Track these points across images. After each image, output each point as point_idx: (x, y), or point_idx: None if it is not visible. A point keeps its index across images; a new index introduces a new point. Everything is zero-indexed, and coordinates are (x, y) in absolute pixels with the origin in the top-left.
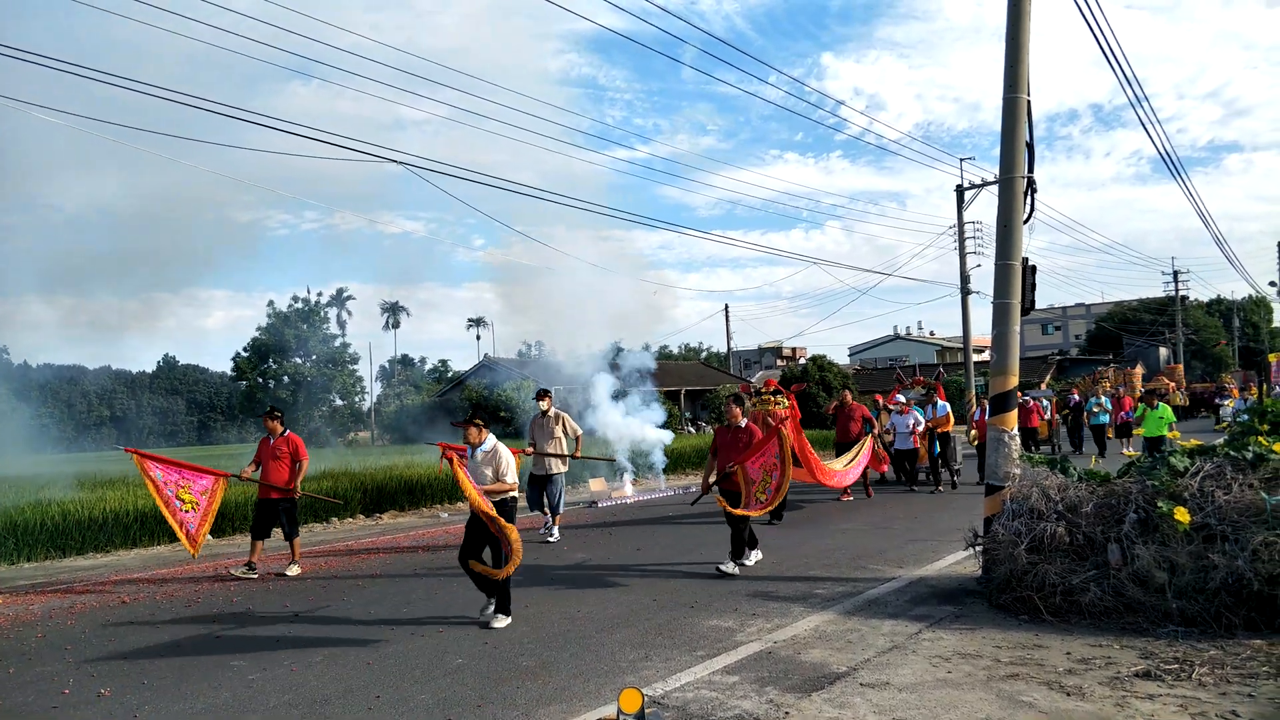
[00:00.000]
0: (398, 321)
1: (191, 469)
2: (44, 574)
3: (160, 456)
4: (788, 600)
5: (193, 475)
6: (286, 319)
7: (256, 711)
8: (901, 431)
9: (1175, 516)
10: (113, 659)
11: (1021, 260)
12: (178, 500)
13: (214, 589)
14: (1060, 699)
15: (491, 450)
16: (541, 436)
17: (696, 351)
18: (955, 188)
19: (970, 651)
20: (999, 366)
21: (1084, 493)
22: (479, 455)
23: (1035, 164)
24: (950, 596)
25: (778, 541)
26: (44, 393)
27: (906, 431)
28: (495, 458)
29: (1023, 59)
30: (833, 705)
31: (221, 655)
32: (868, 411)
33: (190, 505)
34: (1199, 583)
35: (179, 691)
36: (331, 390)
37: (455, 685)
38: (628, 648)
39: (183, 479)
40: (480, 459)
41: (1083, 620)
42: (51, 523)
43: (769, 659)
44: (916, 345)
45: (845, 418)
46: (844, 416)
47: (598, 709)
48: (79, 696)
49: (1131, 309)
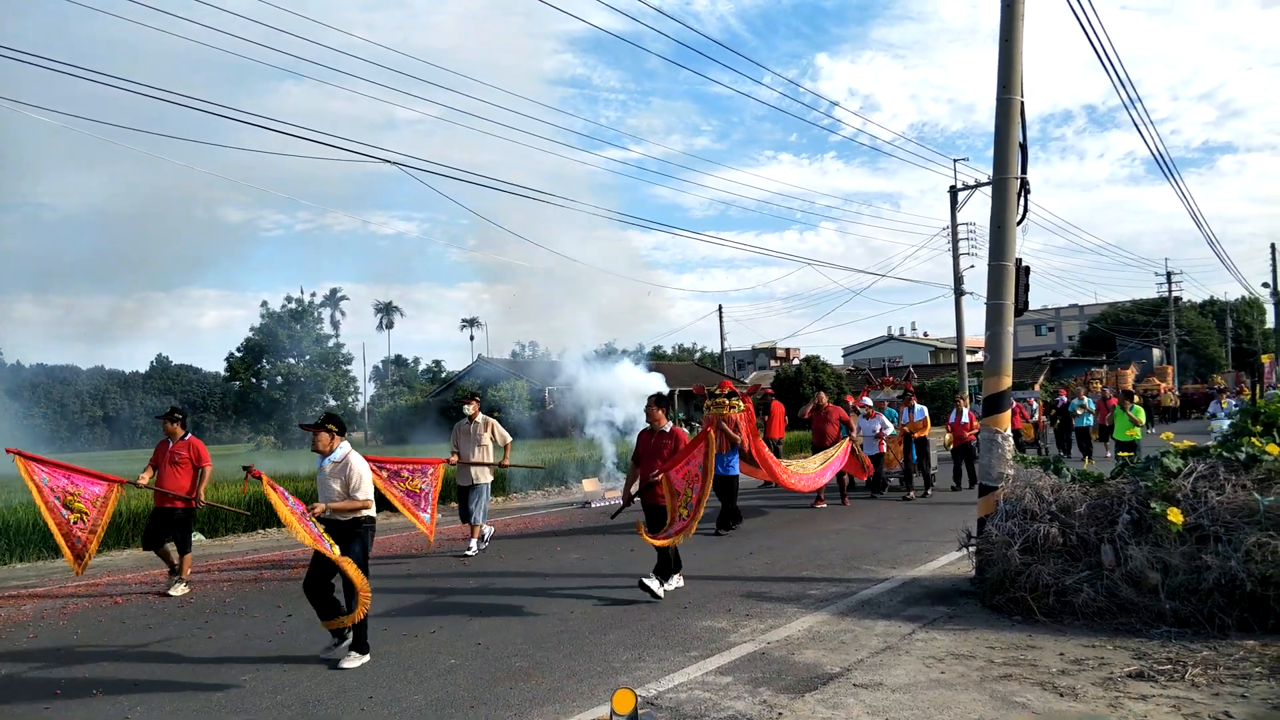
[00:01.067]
0: (391, 322)
1: (83, 474)
2: (36, 575)
3: (48, 459)
4: (781, 601)
5: (84, 481)
6: (280, 319)
7: (249, 712)
8: (867, 435)
9: (1168, 517)
10: (105, 659)
11: (1015, 261)
12: (65, 509)
13: (206, 590)
14: (1054, 700)
15: (342, 461)
16: (466, 444)
17: (690, 352)
18: (949, 189)
19: (964, 652)
20: (993, 367)
21: (1077, 494)
22: (327, 466)
23: (1029, 165)
24: (944, 597)
25: (771, 542)
26: (37, 392)
27: (872, 435)
28: (345, 470)
29: (1016, 60)
30: (826, 706)
31: (215, 655)
32: (846, 414)
33: (79, 515)
34: (1192, 583)
35: (171, 692)
36: (325, 390)
37: (449, 686)
38: (621, 648)
39: (72, 485)
40: (329, 470)
41: (1076, 621)
42: (44, 523)
43: (762, 660)
44: (910, 346)
45: (822, 420)
46: (820, 419)
47: (591, 709)
48: (71, 697)
49: (1125, 310)
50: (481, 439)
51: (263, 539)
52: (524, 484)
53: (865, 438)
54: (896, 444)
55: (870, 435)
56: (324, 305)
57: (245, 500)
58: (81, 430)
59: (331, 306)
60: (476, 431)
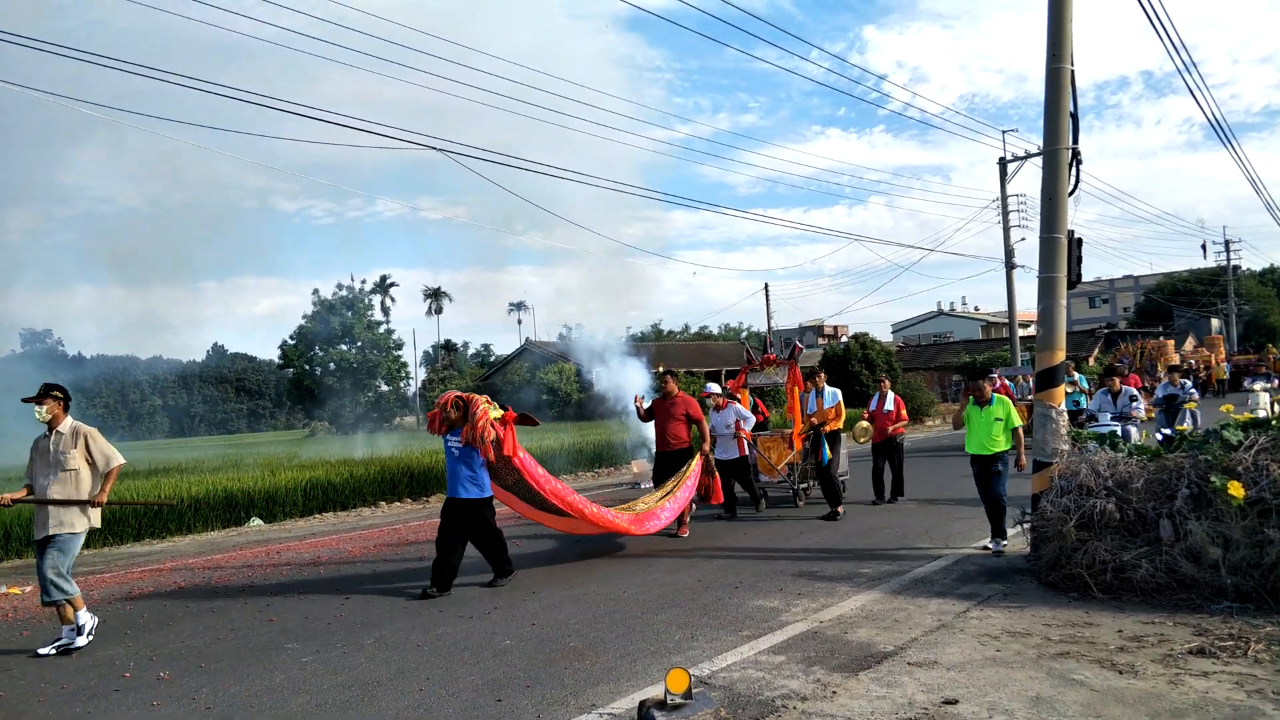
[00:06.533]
0: (440, 307)
1: None
2: (102, 560)
3: None
4: (833, 580)
5: None
6: (331, 306)
7: (310, 693)
8: (721, 434)
9: (1229, 491)
10: (171, 643)
11: (1067, 233)
12: None
13: (267, 574)
14: (1112, 677)
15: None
16: (44, 469)
17: (737, 332)
18: (998, 160)
19: (1019, 630)
20: (1045, 341)
21: (1135, 468)
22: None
23: (1080, 134)
24: (998, 574)
25: (820, 521)
26: (98, 383)
27: (727, 433)
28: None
29: (1066, 27)
30: (880, 684)
31: (275, 638)
32: (697, 408)
33: None
34: (1254, 558)
35: (235, 674)
36: (377, 376)
37: (504, 666)
38: (673, 628)
39: None
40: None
41: (1134, 598)
42: (108, 510)
43: (815, 639)
44: (961, 320)
45: (665, 415)
46: (664, 413)
47: (645, 689)
48: (139, 679)
49: (1182, 280)
50: (67, 461)
51: (319, 523)
52: (573, 465)
53: (719, 437)
54: (781, 444)
55: (724, 433)
56: (374, 292)
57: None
58: (141, 419)
59: (381, 293)
60: (60, 450)
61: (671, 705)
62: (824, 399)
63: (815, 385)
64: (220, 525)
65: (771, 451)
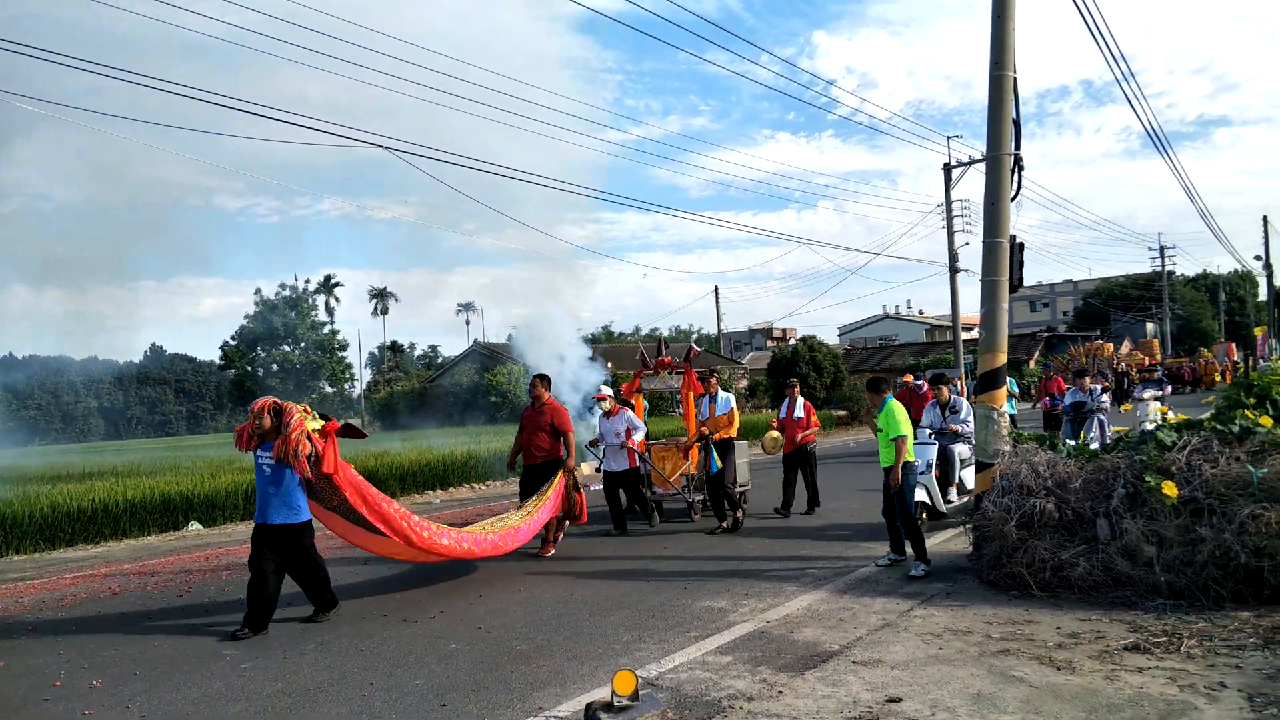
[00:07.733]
0: (386, 307)
1: None
2: (33, 566)
3: None
4: (780, 580)
5: None
6: (274, 306)
7: (248, 700)
8: (610, 444)
9: (1163, 490)
10: (104, 650)
11: (1010, 237)
12: None
13: (204, 579)
14: (1051, 673)
15: None
16: None
17: (687, 334)
18: (943, 166)
19: (961, 628)
20: (988, 344)
21: (1073, 468)
22: None
23: (1022, 141)
24: (941, 574)
25: (771, 521)
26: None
27: (616, 443)
28: None
29: (1008, 36)
30: (826, 683)
31: (213, 645)
32: (566, 418)
33: None
34: (1187, 556)
35: (171, 681)
36: (320, 377)
37: (449, 671)
38: (621, 630)
39: None
40: None
41: (1072, 595)
42: (40, 514)
43: (762, 639)
44: (906, 324)
45: (533, 425)
46: (531, 422)
47: (592, 691)
48: (71, 688)
49: (1119, 285)
50: None
51: None
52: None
53: (609, 447)
54: (675, 453)
55: (613, 443)
56: (318, 292)
57: None
58: (75, 421)
59: (326, 293)
60: None
61: (618, 707)
62: (717, 405)
63: (709, 390)
64: (158, 530)
65: (665, 462)
